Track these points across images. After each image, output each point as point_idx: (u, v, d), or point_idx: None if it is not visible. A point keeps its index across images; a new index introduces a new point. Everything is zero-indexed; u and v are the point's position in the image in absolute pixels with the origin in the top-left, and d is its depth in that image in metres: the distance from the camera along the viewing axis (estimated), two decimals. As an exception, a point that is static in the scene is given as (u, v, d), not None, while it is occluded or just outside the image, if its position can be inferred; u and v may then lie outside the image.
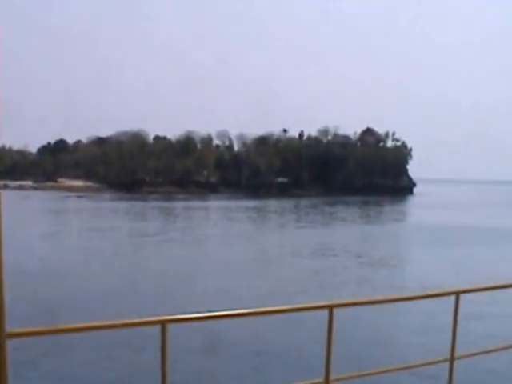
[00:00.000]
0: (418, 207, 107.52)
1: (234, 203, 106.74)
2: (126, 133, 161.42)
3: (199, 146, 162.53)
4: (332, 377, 5.24)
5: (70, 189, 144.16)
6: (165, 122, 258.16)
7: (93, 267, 34.25)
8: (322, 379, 5.22)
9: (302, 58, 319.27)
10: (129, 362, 17.12)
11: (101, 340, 17.25)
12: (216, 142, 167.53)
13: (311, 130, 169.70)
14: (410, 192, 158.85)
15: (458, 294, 6.21)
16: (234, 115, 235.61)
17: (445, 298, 6.40)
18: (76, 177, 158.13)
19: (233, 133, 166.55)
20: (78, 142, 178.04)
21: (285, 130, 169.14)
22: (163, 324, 3.96)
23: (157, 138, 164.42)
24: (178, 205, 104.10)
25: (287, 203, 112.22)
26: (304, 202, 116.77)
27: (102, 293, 26.76)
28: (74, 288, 27.85)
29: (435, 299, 6.80)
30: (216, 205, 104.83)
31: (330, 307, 5.19)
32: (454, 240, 50.58)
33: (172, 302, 24.64)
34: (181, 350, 15.43)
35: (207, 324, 12.38)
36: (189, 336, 16.08)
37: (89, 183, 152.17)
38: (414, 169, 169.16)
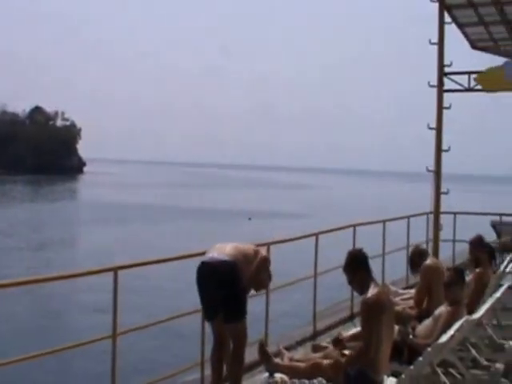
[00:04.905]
0: (89, 186, 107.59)
1: None
2: None
3: None
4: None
5: None
6: None
7: None
8: None
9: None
10: None
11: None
12: None
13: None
14: (80, 171, 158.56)
15: (116, 270, 6.29)
16: None
17: (105, 274, 6.47)
18: None
19: None
20: None
21: None
22: None
23: None
24: None
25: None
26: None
27: None
28: None
29: (97, 276, 6.79)
30: None
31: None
32: (122, 217, 51.46)
33: None
34: None
35: None
36: None
37: None
38: (84, 148, 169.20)
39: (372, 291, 5.74)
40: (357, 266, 5.94)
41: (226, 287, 6.11)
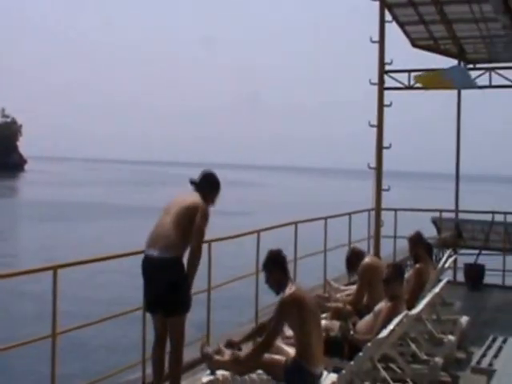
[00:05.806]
0: (30, 184, 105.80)
1: None
2: None
3: None
4: None
5: None
6: None
7: None
8: None
9: None
10: None
11: None
12: None
13: None
14: (21, 169, 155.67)
15: (55, 268, 6.16)
16: None
17: (43, 273, 6.33)
18: None
19: None
20: None
21: None
22: None
23: None
24: None
25: None
26: None
27: None
28: None
29: (33, 276, 6.63)
30: None
31: None
32: (62, 216, 50.76)
33: None
34: None
35: None
36: None
37: None
38: (26, 146, 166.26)
39: (289, 290, 5.88)
40: (273, 266, 6.11)
41: (167, 284, 6.08)
